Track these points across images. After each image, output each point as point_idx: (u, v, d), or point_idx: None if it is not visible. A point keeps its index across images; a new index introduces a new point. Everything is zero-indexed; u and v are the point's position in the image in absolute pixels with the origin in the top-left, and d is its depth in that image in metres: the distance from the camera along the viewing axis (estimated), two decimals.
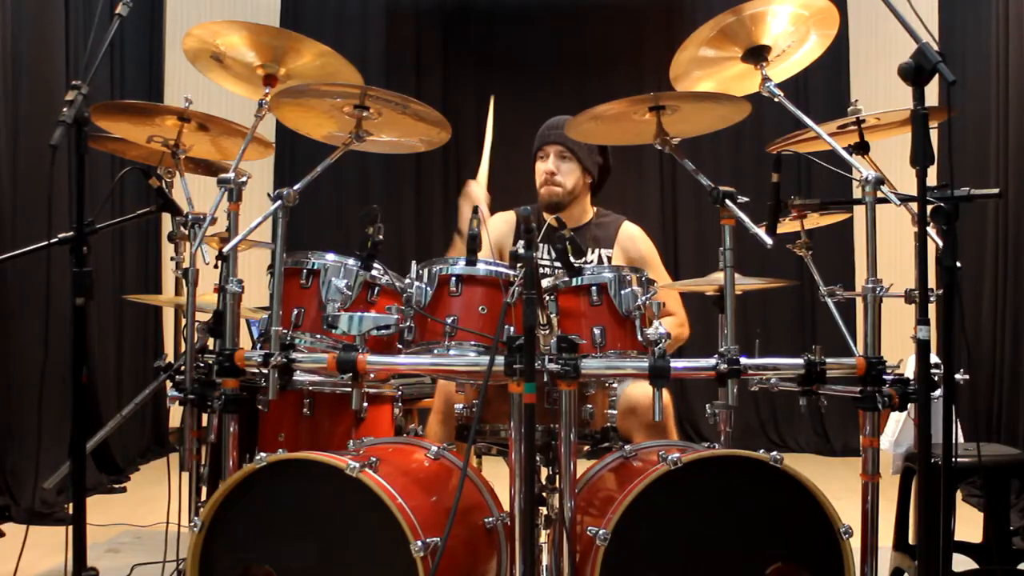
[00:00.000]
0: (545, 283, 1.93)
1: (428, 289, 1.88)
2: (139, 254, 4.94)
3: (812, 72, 3.22)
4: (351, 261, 1.96)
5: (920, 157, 1.53)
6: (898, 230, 4.13)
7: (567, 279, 1.90)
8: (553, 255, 2.62)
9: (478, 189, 2.84)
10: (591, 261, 2.68)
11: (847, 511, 1.72)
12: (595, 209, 2.80)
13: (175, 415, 3.21)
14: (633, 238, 2.77)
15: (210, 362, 1.88)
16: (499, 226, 2.75)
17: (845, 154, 1.94)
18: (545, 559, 1.96)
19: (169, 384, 2.07)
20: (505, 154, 3.06)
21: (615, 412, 2.05)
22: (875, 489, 1.79)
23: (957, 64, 4.37)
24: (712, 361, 1.77)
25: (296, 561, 1.66)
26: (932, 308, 1.62)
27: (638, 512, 1.64)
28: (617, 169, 2.76)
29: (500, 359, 1.67)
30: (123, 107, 2.33)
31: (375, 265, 1.98)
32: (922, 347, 1.55)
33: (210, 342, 1.94)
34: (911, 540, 2.40)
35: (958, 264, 1.68)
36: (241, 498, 1.69)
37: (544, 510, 2.05)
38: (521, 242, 1.81)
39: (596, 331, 1.84)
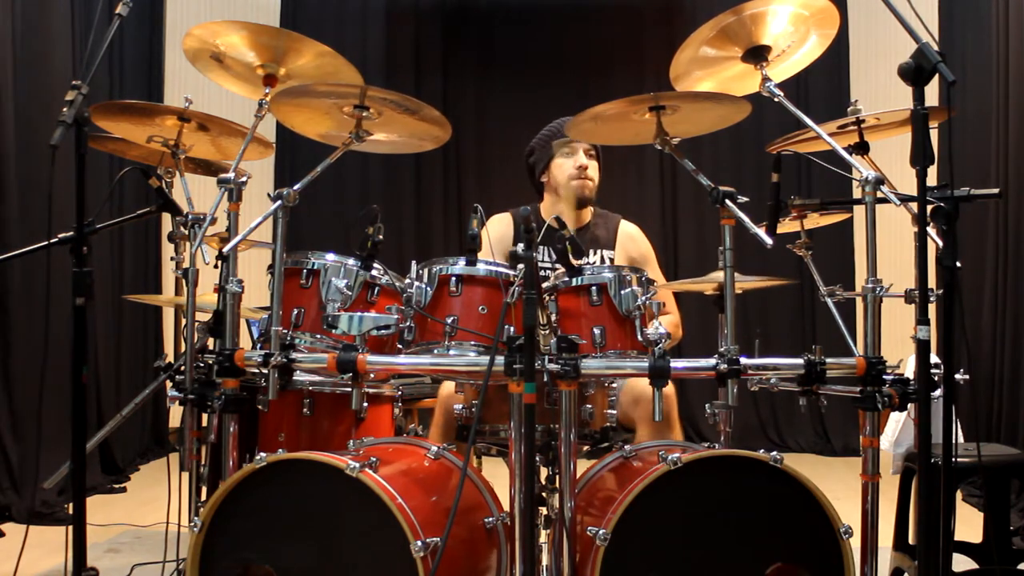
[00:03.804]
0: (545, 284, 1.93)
1: (428, 289, 1.88)
2: (139, 254, 4.94)
3: (812, 72, 3.22)
4: (351, 261, 1.96)
5: (920, 157, 1.53)
6: (898, 230, 4.14)
7: (567, 279, 1.90)
8: (553, 257, 2.63)
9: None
10: (593, 262, 2.68)
11: (847, 511, 1.72)
12: (593, 209, 2.81)
13: (175, 415, 3.22)
14: (633, 237, 2.78)
15: (210, 362, 1.88)
16: (497, 228, 2.75)
17: (845, 154, 1.94)
18: (545, 559, 1.96)
19: (169, 384, 2.07)
20: (504, 155, 3.06)
21: (615, 412, 2.05)
22: (875, 489, 1.79)
23: (957, 64, 4.37)
24: (712, 361, 1.77)
25: (296, 561, 1.66)
26: (932, 308, 1.62)
27: (638, 512, 1.64)
28: (617, 169, 2.77)
29: (500, 359, 1.67)
30: (123, 107, 2.32)
31: (375, 265, 1.98)
32: (922, 347, 1.54)
33: (210, 342, 1.94)
34: (911, 540, 2.40)
35: (958, 264, 1.68)
36: (241, 498, 1.69)
37: (544, 510, 2.05)
38: (521, 243, 1.80)
39: (596, 331, 1.84)
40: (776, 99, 1.97)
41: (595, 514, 1.78)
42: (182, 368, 2.05)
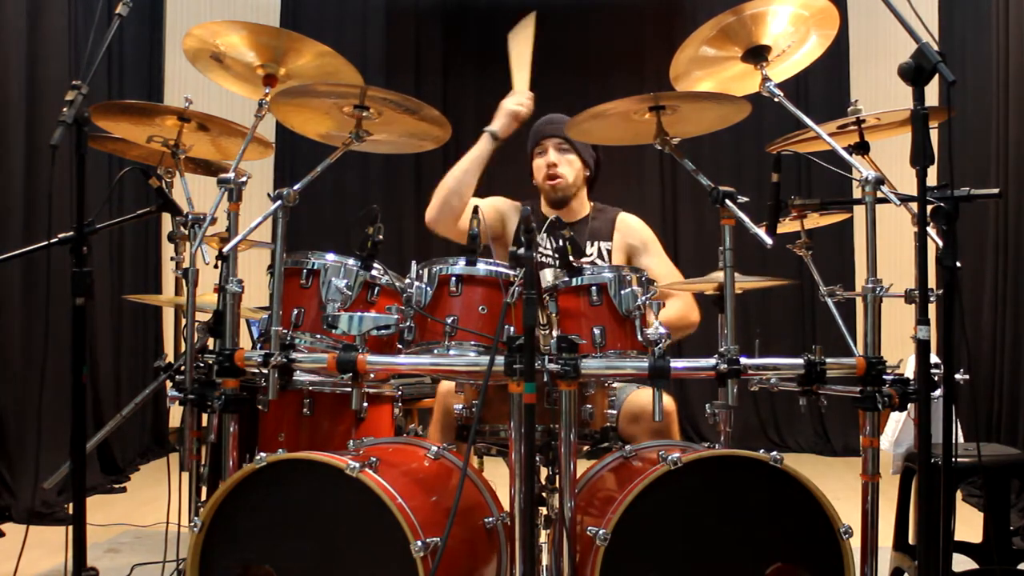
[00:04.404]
0: (546, 279, 1.93)
1: (428, 289, 1.88)
2: (139, 254, 4.94)
3: (812, 72, 3.22)
4: (351, 261, 1.96)
5: (920, 157, 1.53)
6: (898, 230, 4.14)
7: (567, 279, 1.90)
8: (553, 248, 2.63)
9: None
10: (591, 254, 2.69)
11: (847, 511, 1.72)
12: (592, 203, 2.80)
13: (175, 415, 3.22)
14: (630, 225, 2.76)
15: (210, 362, 1.88)
16: (500, 205, 2.75)
17: (845, 154, 1.94)
18: (545, 559, 1.96)
19: (169, 384, 2.07)
20: (505, 155, 3.05)
21: (615, 412, 2.05)
22: (875, 489, 1.79)
23: (957, 64, 4.37)
24: (712, 361, 1.77)
25: (296, 561, 1.66)
26: (932, 308, 1.62)
27: (638, 512, 1.64)
28: (617, 169, 2.77)
29: (500, 359, 1.67)
30: (123, 107, 2.32)
31: (375, 265, 1.98)
32: (922, 347, 1.54)
33: (210, 342, 1.94)
34: (911, 540, 2.40)
35: (958, 264, 1.68)
36: (241, 498, 1.69)
37: (544, 510, 2.05)
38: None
39: (596, 331, 1.84)
40: (776, 99, 1.97)
41: (595, 514, 1.78)
42: (182, 368, 2.05)
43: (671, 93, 2.00)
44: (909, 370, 1.80)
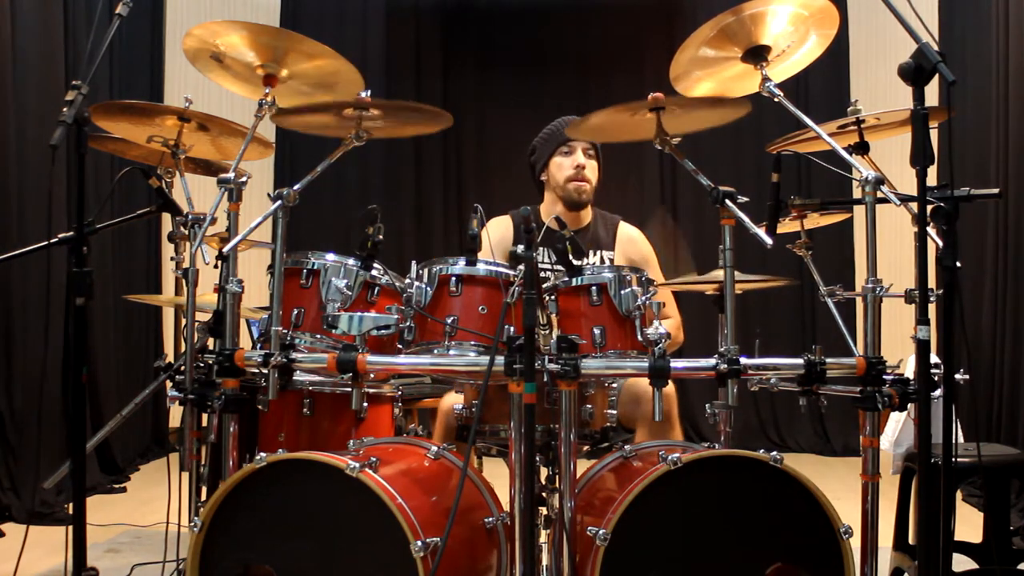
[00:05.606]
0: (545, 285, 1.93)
1: (428, 289, 1.88)
2: (139, 254, 4.94)
3: (812, 72, 3.22)
4: (351, 261, 1.96)
5: (920, 157, 1.53)
6: (898, 230, 4.14)
7: (567, 279, 1.90)
8: (553, 258, 2.63)
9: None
10: (593, 263, 2.68)
11: (847, 511, 1.72)
12: (593, 211, 2.81)
13: (175, 415, 3.22)
14: (633, 240, 2.78)
15: (210, 362, 1.88)
16: (496, 230, 2.75)
17: (845, 154, 1.94)
18: (545, 559, 1.96)
19: (169, 384, 2.07)
20: (505, 155, 3.06)
21: (615, 412, 2.05)
22: (875, 489, 1.79)
23: (957, 64, 4.36)
24: (712, 361, 1.77)
25: (296, 561, 1.66)
26: (932, 308, 1.62)
27: (638, 512, 1.64)
28: (617, 169, 2.77)
29: (500, 359, 1.67)
30: (123, 107, 2.32)
31: (375, 265, 1.98)
32: (922, 347, 1.55)
33: (210, 342, 1.94)
34: (911, 540, 2.40)
35: (958, 264, 1.68)
36: (241, 498, 1.69)
37: (544, 510, 2.05)
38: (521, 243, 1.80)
39: (596, 331, 1.84)
40: (776, 99, 1.97)
41: (595, 514, 1.78)
42: (182, 368, 2.05)
43: (671, 99, 1.99)
44: (909, 370, 1.80)
